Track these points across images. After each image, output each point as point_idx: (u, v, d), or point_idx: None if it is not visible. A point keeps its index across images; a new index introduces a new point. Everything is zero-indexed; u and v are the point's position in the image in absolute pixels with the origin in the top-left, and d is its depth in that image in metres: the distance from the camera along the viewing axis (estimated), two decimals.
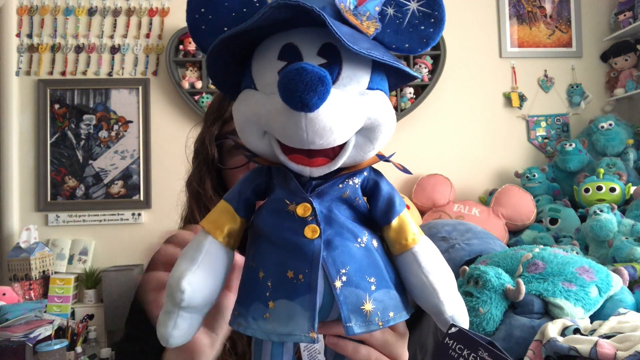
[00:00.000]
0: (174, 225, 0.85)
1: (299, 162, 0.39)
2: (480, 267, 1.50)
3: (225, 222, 0.43)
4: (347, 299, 0.40)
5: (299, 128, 0.36)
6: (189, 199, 0.82)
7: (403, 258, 0.44)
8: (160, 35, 2.73)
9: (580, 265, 1.47)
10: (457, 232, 2.10)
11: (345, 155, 0.40)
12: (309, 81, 0.33)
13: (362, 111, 0.39)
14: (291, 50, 0.39)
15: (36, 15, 2.69)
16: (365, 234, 0.43)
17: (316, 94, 0.33)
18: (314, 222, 0.40)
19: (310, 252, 0.40)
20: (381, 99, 0.41)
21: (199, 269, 0.42)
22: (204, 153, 0.80)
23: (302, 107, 0.34)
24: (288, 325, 0.39)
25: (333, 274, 0.40)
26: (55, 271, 2.50)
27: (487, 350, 0.39)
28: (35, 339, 1.72)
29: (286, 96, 0.34)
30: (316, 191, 0.41)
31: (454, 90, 2.84)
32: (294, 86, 0.33)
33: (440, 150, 2.84)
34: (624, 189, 2.28)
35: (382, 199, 0.44)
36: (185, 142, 0.88)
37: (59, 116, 2.67)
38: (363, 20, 0.39)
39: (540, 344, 1.21)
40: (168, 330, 0.42)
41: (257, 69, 0.41)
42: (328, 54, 0.39)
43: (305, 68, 0.33)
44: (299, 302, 0.39)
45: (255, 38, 0.41)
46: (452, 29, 2.78)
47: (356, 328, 0.40)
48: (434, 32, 0.42)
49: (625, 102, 2.92)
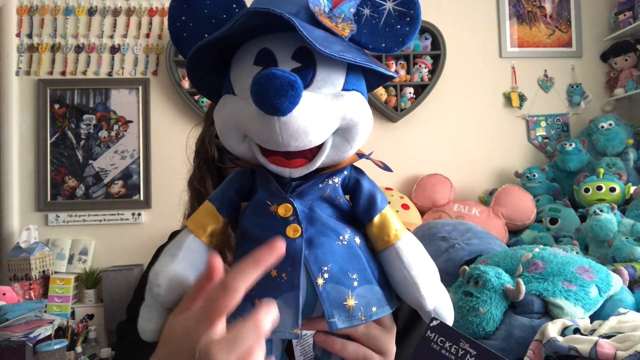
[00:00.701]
0: (177, 223, 0.86)
1: (279, 163, 0.40)
2: (480, 267, 1.50)
3: (208, 221, 0.45)
4: (329, 296, 0.41)
5: (274, 132, 0.37)
6: (191, 198, 0.83)
7: (386, 254, 0.45)
8: (160, 35, 2.73)
9: (580, 265, 1.47)
10: (457, 232, 2.10)
11: (323, 156, 0.41)
12: (279, 86, 0.34)
13: (337, 112, 0.39)
14: (266, 55, 0.40)
15: (36, 15, 2.69)
16: (348, 232, 0.44)
17: (287, 98, 0.34)
18: (295, 221, 0.42)
19: (292, 251, 0.41)
20: (357, 99, 0.41)
21: (178, 266, 0.42)
22: (204, 153, 0.81)
23: (274, 112, 0.35)
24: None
25: (315, 271, 0.41)
26: (55, 271, 2.50)
27: (468, 341, 0.40)
28: (35, 338, 1.72)
29: (258, 101, 0.35)
30: (296, 191, 0.42)
31: (454, 90, 2.84)
32: (265, 91, 0.34)
33: (440, 150, 2.84)
34: (624, 189, 2.28)
35: (363, 196, 0.45)
36: (186, 142, 0.89)
37: (59, 116, 2.67)
38: (338, 22, 0.40)
39: (540, 344, 1.21)
40: (145, 323, 0.43)
41: (235, 75, 0.42)
42: (302, 57, 0.39)
43: (275, 74, 0.34)
44: (283, 299, 0.41)
45: (234, 44, 0.42)
46: (452, 29, 2.78)
47: (339, 323, 0.41)
48: (410, 31, 0.43)
49: (625, 102, 2.92)
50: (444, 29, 2.74)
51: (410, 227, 2.16)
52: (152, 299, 0.43)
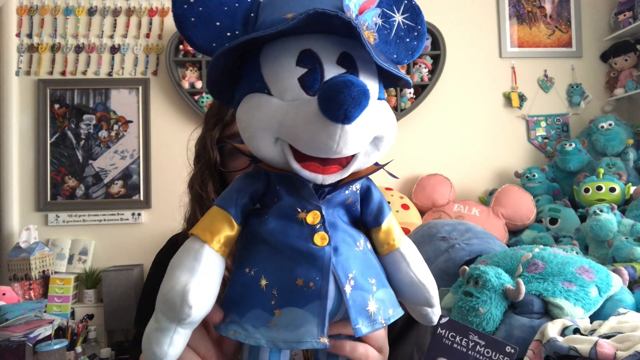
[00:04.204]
0: (176, 225, 0.86)
1: (313, 169, 0.39)
2: (480, 267, 1.50)
3: (221, 229, 0.41)
4: (355, 302, 0.41)
5: (331, 139, 0.35)
6: (192, 201, 0.83)
7: (390, 257, 0.46)
8: (160, 35, 2.73)
9: (580, 265, 1.47)
10: (457, 232, 2.10)
11: (356, 163, 0.40)
12: (356, 95, 0.33)
13: (377, 121, 0.40)
14: (310, 57, 0.38)
15: (36, 15, 2.69)
16: (362, 237, 0.45)
17: (360, 107, 0.34)
18: (322, 229, 0.41)
19: (321, 260, 0.40)
20: (387, 108, 0.42)
21: (202, 282, 0.39)
22: (206, 156, 0.80)
23: (343, 120, 0.34)
24: (297, 332, 0.39)
25: (342, 279, 0.40)
26: (55, 271, 2.50)
27: (476, 333, 0.44)
28: (35, 338, 1.73)
29: (330, 108, 0.34)
30: (326, 198, 0.42)
31: (454, 90, 2.84)
32: (342, 99, 0.33)
33: (440, 150, 2.84)
34: (624, 189, 2.28)
35: (373, 202, 0.46)
36: (187, 144, 0.89)
37: (59, 116, 2.67)
38: (363, 30, 0.39)
39: (540, 344, 1.21)
40: (164, 349, 0.38)
41: (271, 73, 0.39)
42: (346, 63, 0.39)
43: (353, 81, 0.33)
44: (309, 309, 0.39)
45: (259, 39, 0.39)
46: (452, 29, 2.78)
47: (363, 329, 0.41)
48: (418, 45, 0.44)
49: (625, 102, 2.92)
50: (444, 29, 2.74)
51: (410, 227, 2.16)
52: (173, 321, 0.38)
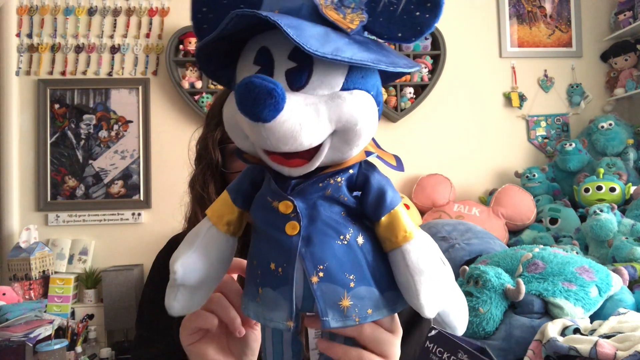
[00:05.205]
0: (177, 224, 0.86)
1: (278, 162, 0.40)
2: (480, 267, 1.50)
3: (224, 211, 0.46)
4: (324, 294, 0.41)
5: (260, 136, 0.37)
6: (193, 202, 0.82)
7: (393, 255, 0.43)
8: (160, 35, 2.73)
9: (580, 265, 1.47)
10: (457, 232, 2.10)
11: (321, 157, 0.40)
12: (257, 95, 0.34)
13: (331, 114, 0.38)
14: (265, 54, 0.39)
15: (36, 15, 2.69)
16: (350, 231, 0.42)
17: (266, 107, 0.34)
18: (295, 219, 0.42)
19: (287, 248, 0.41)
20: (356, 99, 0.39)
21: (194, 253, 0.45)
22: (207, 157, 0.80)
23: (256, 120, 0.35)
24: (272, 311, 0.42)
25: (310, 269, 0.41)
26: (55, 271, 2.50)
27: (466, 352, 0.39)
28: (35, 338, 1.73)
29: (241, 109, 0.35)
30: (296, 190, 0.42)
31: (454, 90, 2.84)
32: (244, 100, 0.34)
33: (440, 150, 2.84)
34: (624, 189, 2.28)
35: (371, 195, 0.43)
36: (188, 144, 0.89)
37: (59, 116, 2.67)
38: (347, 13, 0.38)
39: (540, 344, 1.21)
40: (170, 301, 0.46)
41: (238, 72, 0.42)
42: (298, 57, 0.38)
43: (254, 82, 0.34)
44: (280, 292, 0.42)
45: (243, 38, 0.41)
46: (452, 29, 2.78)
47: (332, 322, 0.41)
48: (430, 19, 0.40)
49: (625, 102, 2.92)
50: (444, 28, 2.74)
51: None
52: (172, 281, 0.45)
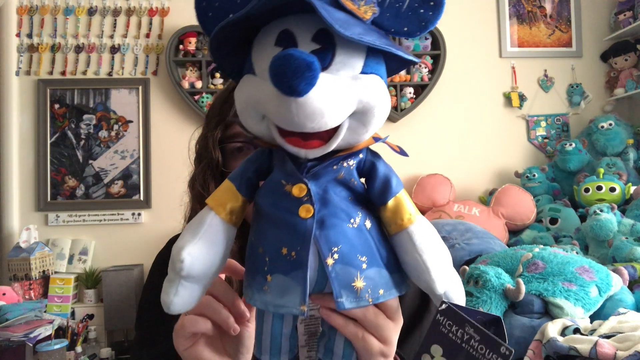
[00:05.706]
0: (177, 225, 0.85)
1: (295, 144, 0.41)
2: (480, 267, 1.50)
3: (227, 200, 0.46)
4: (338, 276, 0.42)
5: (290, 112, 0.37)
6: (193, 201, 0.82)
7: (398, 237, 0.45)
8: (160, 35, 2.73)
9: (580, 265, 1.47)
10: (457, 232, 2.10)
11: (339, 138, 0.41)
12: (296, 67, 0.34)
13: (354, 95, 0.40)
14: (287, 36, 0.40)
15: (36, 15, 2.69)
16: (359, 215, 0.44)
17: (303, 79, 0.34)
18: (308, 202, 0.42)
19: (302, 231, 0.42)
20: (375, 82, 0.41)
21: (200, 241, 0.44)
22: (207, 157, 0.80)
23: (290, 92, 0.35)
24: (283, 298, 0.42)
25: (325, 251, 0.42)
26: (55, 271, 2.51)
27: (472, 326, 0.41)
28: (35, 338, 1.73)
29: (275, 81, 0.35)
30: (311, 172, 0.43)
31: (454, 90, 2.84)
32: (282, 72, 0.35)
33: (440, 150, 2.84)
34: (624, 189, 2.29)
35: (378, 180, 0.45)
36: (188, 143, 0.88)
37: (59, 116, 2.67)
38: (361, 5, 0.40)
39: (540, 344, 1.21)
40: (170, 297, 0.45)
41: (256, 55, 0.42)
42: (322, 39, 0.40)
43: (293, 54, 0.34)
44: (292, 277, 0.42)
45: (258, 24, 0.42)
46: (452, 28, 2.78)
47: (347, 303, 0.42)
48: (433, 16, 0.42)
49: (625, 102, 2.92)
50: (444, 29, 2.74)
51: None
52: (175, 274, 0.44)
